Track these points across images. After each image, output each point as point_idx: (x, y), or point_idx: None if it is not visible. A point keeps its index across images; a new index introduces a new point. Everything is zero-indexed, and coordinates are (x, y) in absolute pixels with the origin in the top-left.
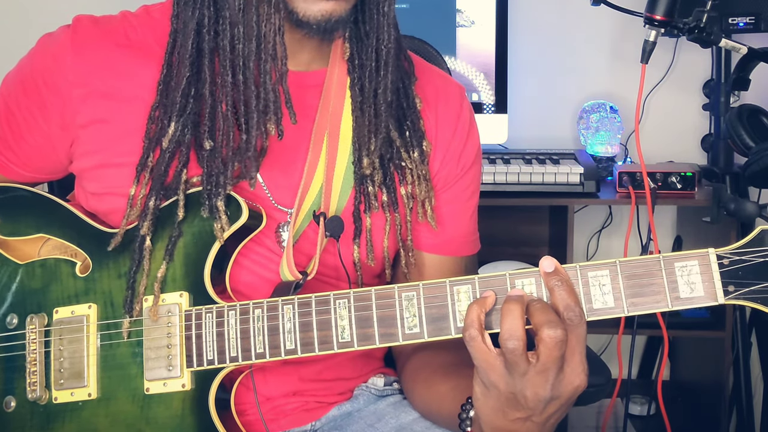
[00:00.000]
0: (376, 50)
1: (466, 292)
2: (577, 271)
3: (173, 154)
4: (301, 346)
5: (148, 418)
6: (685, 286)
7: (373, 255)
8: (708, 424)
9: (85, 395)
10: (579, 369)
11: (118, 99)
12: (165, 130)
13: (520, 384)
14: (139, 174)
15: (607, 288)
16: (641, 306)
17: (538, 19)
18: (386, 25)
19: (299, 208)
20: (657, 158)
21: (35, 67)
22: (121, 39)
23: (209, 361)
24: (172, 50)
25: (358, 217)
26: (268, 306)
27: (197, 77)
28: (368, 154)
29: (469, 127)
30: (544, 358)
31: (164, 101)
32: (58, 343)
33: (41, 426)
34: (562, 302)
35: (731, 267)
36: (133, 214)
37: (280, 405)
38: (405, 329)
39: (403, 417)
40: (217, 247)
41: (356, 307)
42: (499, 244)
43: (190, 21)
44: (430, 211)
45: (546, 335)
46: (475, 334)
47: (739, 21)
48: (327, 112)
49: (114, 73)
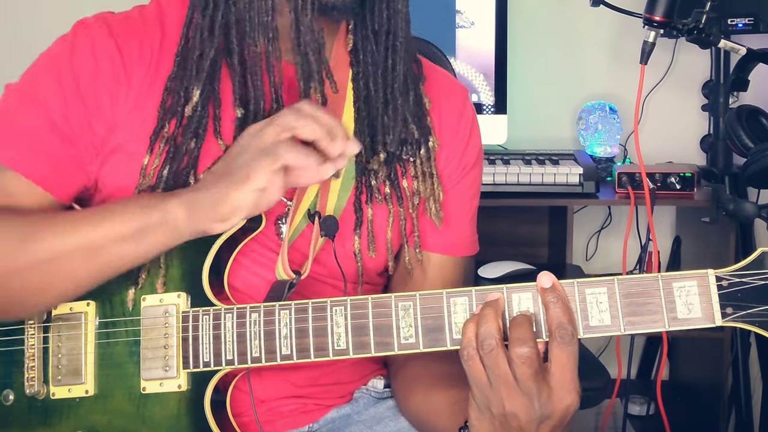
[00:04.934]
0: (392, 47)
1: (462, 304)
2: (575, 288)
3: (197, 125)
4: (297, 351)
5: (144, 417)
6: (683, 306)
7: (375, 246)
8: (707, 424)
9: (82, 392)
10: (570, 387)
11: (148, 94)
12: (188, 97)
13: (509, 405)
14: (153, 144)
15: (604, 306)
16: (638, 325)
17: (537, 19)
18: (400, 21)
19: (297, 205)
20: (656, 159)
21: (74, 64)
22: (146, 32)
23: (205, 363)
24: (190, 22)
25: (359, 207)
26: (264, 310)
27: (224, 48)
28: (377, 152)
29: (471, 128)
30: (519, 375)
31: (181, 72)
32: (56, 339)
33: (39, 421)
34: (556, 319)
35: (730, 289)
36: (145, 184)
37: (276, 407)
38: (401, 339)
39: (402, 421)
40: (216, 248)
41: (353, 314)
42: (499, 245)
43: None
44: (435, 209)
45: (515, 354)
46: (473, 353)
47: (738, 22)
48: (328, 110)
49: (145, 66)
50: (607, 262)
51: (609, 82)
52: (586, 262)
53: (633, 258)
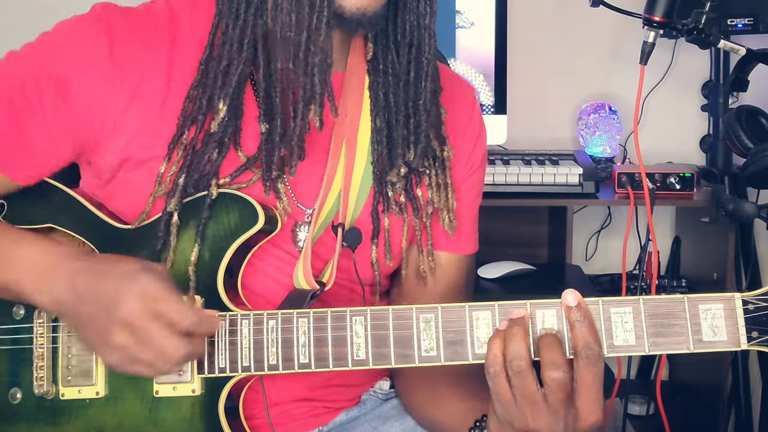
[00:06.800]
0: (415, 61)
1: (485, 319)
2: (600, 306)
3: (221, 138)
4: (316, 360)
5: (156, 420)
6: (708, 329)
7: (391, 255)
8: (707, 424)
9: (92, 393)
10: (595, 406)
11: (149, 94)
12: (211, 111)
13: (533, 423)
14: (171, 151)
15: (629, 325)
16: (663, 346)
17: (537, 20)
18: (427, 37)
19: (318, 214)
20: (656, 159)
21: (66, 57)
22: (150, 33)
23: (221, 369)
24: (216, 31)
25: (377, 217)
26: (282, 318)
27: (250, 62)
28: (395, 164)
29: (479, 129)
30: (551, 399)
31: (204, 81)
32: (66, 340)
33: (47, 421)
34: (582, 339)
35: (756, 313)
36: (161, 191)
37: (289, 410)
38: (422, 351)
39: (407, 420)
40: (232, 251)
41: (373, 325)
42: (499, 245)
43: (242, 3)
44: (448, 219)
45: (548, 378)
46: (500, 370)
47: (737, 22)
48: (345, 119)
49: (146, 68)
50: (607, 262)
51: (609, 82)
52: (585, 262)
53: (633, 258)
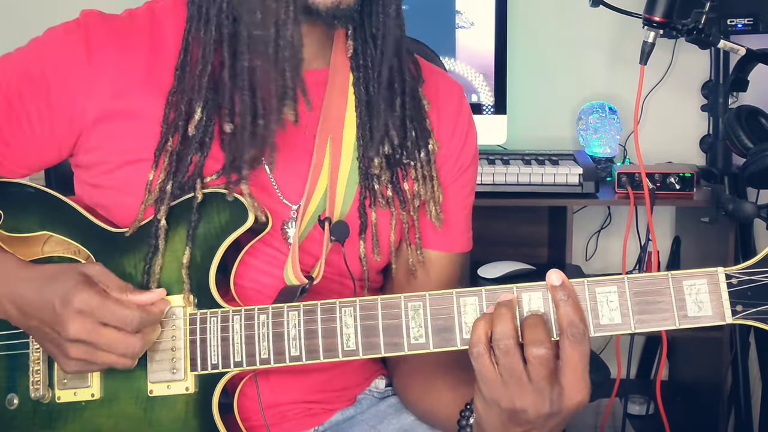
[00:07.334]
0: (382, 50)
1: (473, 304)
2: (585, 286)
3: (201, 140)
4: (306, 353)
5: (151, 420)
6: (693, 304)
7: (379, 250)
8: (706, 423)
9: (88, 395)
10: (581, 385)
11: (128, 98)
12: (191, 116)
13: (519, 402)
14: (157, 159)
15: (614, 304)
16: (648, 323)
17: (537, 20)
18: (392, 25)
19: (305, 210)
20: (656, 159)
21: (46, 62)
22: (130, 39)
23: (213, 366)
24: (188, 35)
25: (364, 212)
26: (273, 312)
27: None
28: (378, 155)
29: (468, 126)
30: (534, 376)
31: (182, 86)
32: None
33: (44, 425)
34: (567, 318)
35: (740, 287)
36: (150, 199)
37: (284, 411)
38: (411, 339)
39: (404, 418)
40: (223, 250)
41: (362, 315)
42: (498, 245)
43: (210, 6)
44: (435, 211)
45: (531, 355)
46: (483, 351)
47: (737, 22)
48: (330, 115)
49: (124, 73)
50: (607, 262)
51: (609, 82)
52: (585, 262)
53: (633, 258)
